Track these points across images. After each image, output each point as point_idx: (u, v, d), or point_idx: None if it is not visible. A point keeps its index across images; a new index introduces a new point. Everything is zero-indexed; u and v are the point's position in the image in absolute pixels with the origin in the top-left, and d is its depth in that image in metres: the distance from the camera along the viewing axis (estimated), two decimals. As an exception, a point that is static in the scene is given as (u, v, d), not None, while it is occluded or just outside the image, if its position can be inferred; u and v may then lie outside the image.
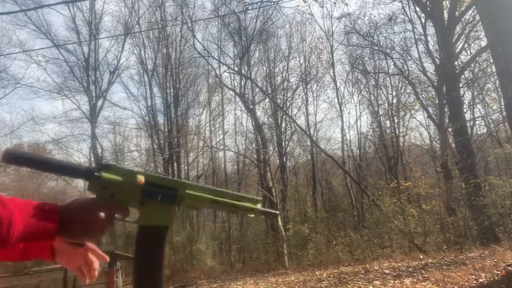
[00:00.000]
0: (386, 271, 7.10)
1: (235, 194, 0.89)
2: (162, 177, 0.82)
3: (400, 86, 17.28)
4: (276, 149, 17.86)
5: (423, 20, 13.39)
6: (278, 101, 18.39)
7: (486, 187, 10.60)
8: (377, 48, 15.83)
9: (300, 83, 19.08)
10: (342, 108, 18.56)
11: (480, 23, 10.28)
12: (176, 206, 0.84)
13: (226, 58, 18.34)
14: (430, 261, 7.57)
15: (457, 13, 11.95)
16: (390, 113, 17.05)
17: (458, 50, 12.82)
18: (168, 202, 0.82)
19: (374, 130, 18.67)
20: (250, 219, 17.97)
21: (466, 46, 13.71)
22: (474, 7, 10.15)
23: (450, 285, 5.32)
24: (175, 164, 19.23)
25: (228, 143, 20.77)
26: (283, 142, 18.02)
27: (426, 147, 17.16)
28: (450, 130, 12.28)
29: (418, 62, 14.42)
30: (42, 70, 31.89)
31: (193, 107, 21.37)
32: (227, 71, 19.38)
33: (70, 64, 18.54)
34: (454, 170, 11.26)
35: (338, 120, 23.59)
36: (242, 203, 0.89)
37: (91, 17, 18.74)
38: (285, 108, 18.19)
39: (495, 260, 6.24)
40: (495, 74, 10.69)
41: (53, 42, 18.28)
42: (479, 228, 9.38)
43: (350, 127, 20.17)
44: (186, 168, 20.14)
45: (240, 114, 20.50)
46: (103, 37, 20.11)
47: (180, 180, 0.85)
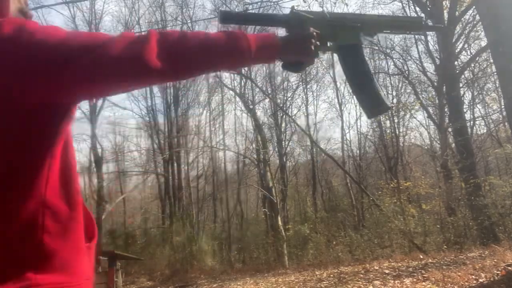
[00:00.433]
0: (386, 271, 7.10)
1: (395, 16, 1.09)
2: (344, 13, 1.03)
3: (400, 86, 17.30)
4: (276, 149, 17.87)
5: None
6: (278, 101, 18.40)
7: (486, 187, 10.60)
8: (377, 48, 15.83)
9: (300, 83, 19.10)
10: (342, 108, 18.60)
11: (480, 23, 10.29)
12: (359, 29, 1.00)
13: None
14: (430, 261, 7.58)
15: (457, 13, 11.95)
16: (390, 113, 17.04)
17: (458, 50, 12.82)
18: (353, 26, 0.99)
19: (374, 130, 18.66)
20: (250, 219, 18.00)
21: (466, 46, 13.72)
22: (474, 7, 10.16)
23: (450, 285, 5.33)
24: (175, 164, 19.23)
25: (228, 143, 20.79)
26: (283, 142, 18.04)
27: (426, 147, 17.17)
28: (450, 130, 12.28)
29: (418, 62, 14.44)
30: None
31: (193, 107, 21.38)
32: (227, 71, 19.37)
33: (70, 64, 18.50)
34: (454, 170, 11.25)
35: (338, 120, 23.56)
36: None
37: (91, 17, 18.76)
38: (285, 108, 18.20)
39: (495, 260, 6.25)
40: (495, 74, 10.70)
41: (53, 42, 18.24)
42: (479, 228, 9.38)
43: (350, 127, 20.16)
44: (186, 168, 20.15)
45: (240, 114, 20.52)
46: (103, 37, 20.04)
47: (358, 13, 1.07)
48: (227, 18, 0.97)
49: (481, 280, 5.25)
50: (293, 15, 0.96)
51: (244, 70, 17.85)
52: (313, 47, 0.90)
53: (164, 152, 19.03)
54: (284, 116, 17.96)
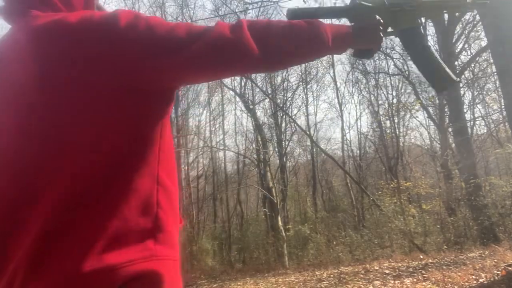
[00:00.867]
0: (386, 271, 7.10)
1: None
2: None
3: (400, 86, 17.30)
4: (276, 149, 17.86)
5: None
6: (278, 101, 18.40)
7: (486, 187, 10.60)
8: (377, 48, 15.82)
9: (300, 83, 19.10)
10: (342, 108, 18.60)
11: (480, 23, 10.29)
12: (416, 12, 1.05)
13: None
14: (430, 261, 7.58)
15: (457, 13, 11.95)
16: (390, 113, 17.05)
17: (458, 50, 12.83)
18: (410, 10, 1.04)
19: (374, 130, 18.66)
20: (250, 219, 17.99)
21: (466, 46, 13.73)
22: (474, 7, 10.14)
23: (450, 285, 5.33)
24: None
25: (228, 143, 20.79)
26: (283, 142, 18.02)
27: (426, 147, 17.17)
28: (450, 130, 12.28)
29: (418, 62, 14.40)
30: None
31: (193, 107, 21.38)
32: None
33: (70, 64, 18.52)
34: (454, 170, 11.25)
35: (338, 120, 23.63)
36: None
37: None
38: (285, 108, 18.20)
39: (495, 260, 6.25)
40: (495, 74, 10.70)
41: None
42: (479, 228, 9.38)
43: (350, 127, 20.20)
44: (186, 168, 20.14)
45: (240, 114, 20.51)
46: (103, 37, 20.05)
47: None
48: (294, 16, 1.03)
49: (481, 280, 5.25)
50: (354, 5, 1.02)
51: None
52: (381, 34, 0.95)
53: (164, 152, 19.00)
54: (284, 116, 17.96)
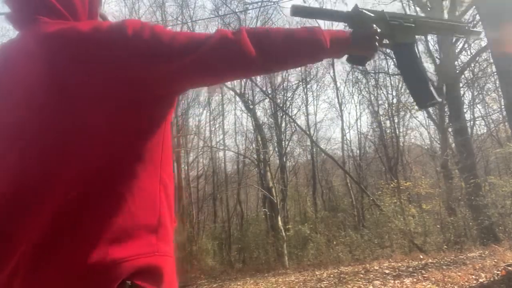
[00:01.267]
0: (386, 271, 7.10)
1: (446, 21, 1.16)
2: (399, 13, 1.11)
3: (400, 86, 17.26)
4: (276, 149, 17.86)
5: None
6: (278, 101, 18.39)
7: (486, 187, 10.60)
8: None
9: (300, 83, 19.09)
10: (342, 108, 18.58)
11: (480, 23, 10.29)
12: (414, 29, 1.10)
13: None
14: (430, 261, 7.58)
15: (457, 13, 11.95)
16: (390, 113, 17.05)
17: (458, 50, 12.83)
18: (409, 26, 1.09)
19: (374, 130, 18.65)
20: (250, 219, 18.00)
21: (466, 46, 13.72)
22: (474, 7, 10.16)
23: (450, 285, 5.33)
24: (175, 164, 19.22)
25: (228, 143, 20.78)
26: (283, 142, 18.01)
27: (426, 147, 17.17)
28: (450, 130, 12.28)
29: (418, 62, 14.40)
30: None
31: (193, 107, 21.37)
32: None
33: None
34: (454, 170, 11.26)
35: (338, 120, 23.62)
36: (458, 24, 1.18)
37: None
38: (285, 108, 18.19)
39: (495, 260, 6.25)
40: (495, 74, 10.71)
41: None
42: (479, 228, 9.38)
43: (350, 127, 20.10)
44: (186, 168, 20.15)
45: (240, 114, 20.50)
46: (103, 37, 20.03)
47: (412, 15, 1.12)
48: (297, 11, 1.07)
49: (481, 280, 5.25)
50: (356, 13, 1.05)
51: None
52: (377, 43, 1.00)
53: (164, 152, 19.00)
54: (284, 116, 17.96)
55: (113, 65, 0.77)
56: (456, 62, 12.40)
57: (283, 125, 18.30)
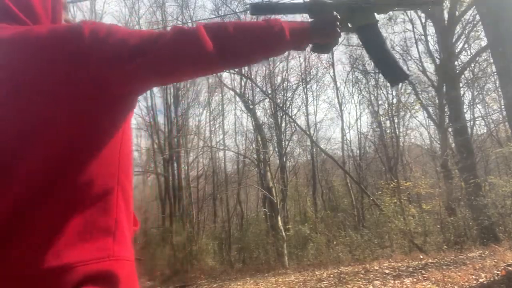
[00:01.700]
0: (386, 271, 7.10)
1: None
2: None
3: (400, 86, 17.26)
4: (276, 149, 17.86)
5: (423, 20, 13.40)
6: (278, 101, 18.39)
7: (486, 187, 10.60)
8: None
9: (300, 83, 19.09)
10: (342, 108, 18.58)
11: (480, 23, 10.29)
12: (373, 9, 1.08)
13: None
14: (430, 261, 7.58)
15: (457, 13, 11.95)
16: (390, 113, 17.05)
17: (458, 50, 12.83)
18: (368, 6, 1.07)
19: (374, 130, 18.66)
20: (250, 219, 18.00)
21: (466, 46, 13.72)
22: (474, 7, 10.16)
23: (450, 285, 5.33)
24: (175, 164, 19.23)
25: (228, 143, 20.79)
26: (283, 142, 18.01)
27: (426, 147, 17.17)
28: (450, 130, 12.28)
29: (418, 62, 14.43)
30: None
31: (193, 107, 21.37)
32: (227, 71, 19.37)
33: (70, 64, 18.48)
34: (454, 170, 11.26)
35: (338, 120, 23.65)
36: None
37: (92, 17, 18.73)
38: (285, 108, 18.19)
39: (495, 260, 6.25)
40: (495, 74, 10.70)
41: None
42: (479, 228, 9.38)
43: (350, 127, 20.17)
44: (186, 168, 20.14)
45: (240, 114, 20.53)
46: (103, 37, 20.03)
47: None
48: (257, 10, 1.08)
49: (481, 280, 5.25)
50: (314, 2, 1.05)
51: (244, 70, 17.85)
52: (338, 29, 0.99)
53: (164, 152, 19.02)
54: (284, 116, 17.95)
55: (68, 64, 0.77)
56: (456, 62, 12.40)
57: (283, 125, 18.32)
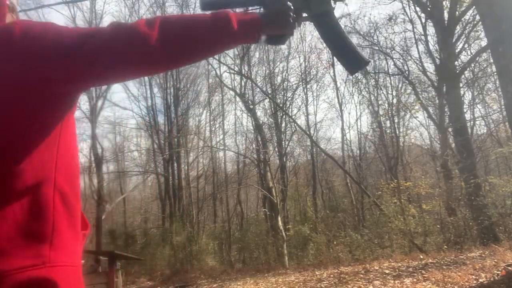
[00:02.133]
0: (386, 271, 7.10)
1: None
2: None
3: (400, 86, 17.28)
4: (276, 149, 17.86)
5: (423, 20, 13.40)
6: (278, 101, 18.39)
7: (486, 187, 10.60)
8: (377, 48, 15.83)
9: (300, 83, 19.09)
10: (342, 108, 18.57)
11: (480, 23, 10.29)
12: None
13: (226, 58, 18.31)
14: (430, 261, 7.58)
15: (457, 13, 11.95)
16: (390, 113, 17.05)
17: (458, 50, 12.82)
18: None
19: (374, 130, 18.66)
20: (250, 219, 17.99)
21: (466, 46, 13.72)
22: (474, 7, 10.15)
23: (450, 285, 5.33)
24: (175, 164, 19.23)
25: (228, 143, 20.78)
26: (283, 142, 18.01)
27: (426, 147, 17.16)
28: (450, 130, 12.28)
29: (418, 62, 14.42)
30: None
31: (193, 107, 21.38)
32: (227, 71, 19.36)
33: (70, 64, 18.48)
34: (454, 170, 11.26)
35: (338, 120, 23.62)
36: None
37: (92, 17, 18.72)
38: (285, 108, 18.19)
39: (495, 260, 6.25)
40: (495, 74, 10.70)
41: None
42: (479, 228, 9.38)
43: (350, 127, 20.13)
44: (186, 168, 20.15)
45: (240, 114, 20.51)
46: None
47: None
48: (207, 4, 1.03)
49: (481, 280, 5.25)
50: None
51: (244, 70, 17.86)
52: (291, 19, 0.95)
53: (164, 152, 19.02)
54: (284, 116, 17.95)
55: (1, 64, 0.75)
56: (456, 62, 12.40)
57: (283, 125, 18.32)
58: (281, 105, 18.01)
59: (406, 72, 14.78)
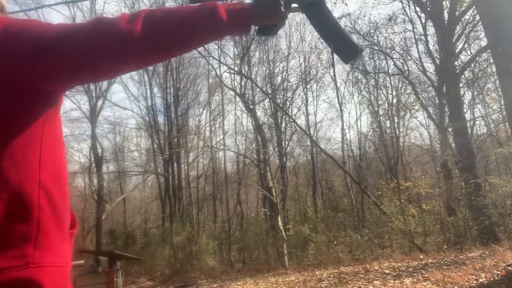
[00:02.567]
0: (386, 271, 7.10)
1: None
2: None
3: (400, 86, 17.28)
4: (276, 149, 17.86)
5: (423, 20, 13.40)
6: (278, 101, 18.39)
7: (486, 187, 10.61)
8: (377, 48, 15.83)
9: (300, 83, 19.09)
10: (342, 108, 18.58)
11: (480, 23, 10.29)
12: None
13: (226, 58, 18.31)
14: (430, 261, 7.58)
15: (457, 13, 11.95)
16: (390, 113, 17.05)
17: (458, 50, 12.83)
18: None
19: (374, 130, 18.67)
20: (250, 219, 18.00)
21: (466, 46, 13.72)
22: (474, 7, 10.16)
23: (450, 285, 5.33)
24: (175, 164, 19.23)
25: (228, 143, 20.79)
26: (283, 142, 18.02)
27: (426, 147, 17.17)
28: (450, 130, 12.29)
29: (418, 62, 14.42)
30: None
31: (193, 107, 21.38)
32: (228, 71, 19.36)
33: (70, 64, 18.47)
34: (454, 170, 11.26)
35: (338, 120, 23.59)
36: None
37: (92, 17, 18.73)
38: (285, 108, 18.19)
39: (495, 260, 6.25)
40: (495, 74, 10.70)
41: (53, 42, 18.20)
42: (479, 228, 9.38)
43: (350, 127, 20.10)
44: (186, 168, 20.15)
45: (240, 114, 20.52)
46: (103, 37, 20.01)
47: None
48: None
49: (481, 280, 5.25)
50: None
51: (244, 70, 17.85)
52: (281, 9, 0.92)
53: (164, 152, 19.02)
54: (284, 116, 17.96)
55: None
56: (456, 62, 12.40)
57: (283, 125, 18.33)
58: (281, 105, 18.02)
59: (406, 72, 14.79)
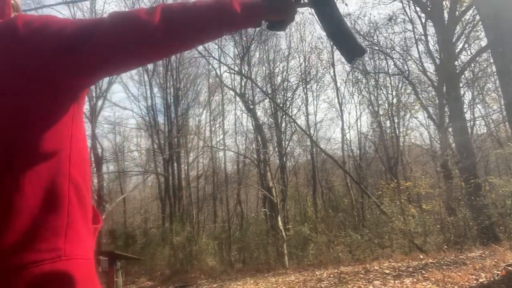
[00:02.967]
0: (386, 271, 7.10)
1: None
2: None
3: (400, 86, 17.29)
4: (276, 149, 17.86)
5: (423, 20, 13.41)
6: (278, 101, 18.40)
7: (486, 187, 10.61)
8: (377, 48, 15.84)
9: (300, 83, 19.10)
10: (342, 108, 18.58)
11: (480, 23, 10.30)
12: None
13: (226, 58, 18.33)
14: (430, 261, 7.58)
15: (457, 13, 11.95)
16: (390, 113, 17.05)
17: (458, 50, 12.83)
18: None
19: (374, 130, 18.67)
20: (250, 219, 18.00)
21: (466, 46, 13.73)
22: (474, 7, 10.16)
23: (450, 285, 5.33)
24: (175, 164, 19.23)
25: (228, 143, 20.80)
26: (283, 142, 18.03)
27: (426, 147, 17.17)
28: (450, 130, 12.29)
29: (418, 62, 14.44)
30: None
31: (193, 107, 21.40)
32: (228, 71, 19.38)
33: (70, 64, 18.49)
34: (454, 170, 11.26)
35: (338, 120, 23.62)
36: None
37: (92, 17, 18.73)
38: (285, 108, 18.20)
39: (495, 260, 6.25)
40: (495, 74, 10.71)
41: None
42: (479, 228, 9.38)
43: (350, 127, 20.10)
44: (186, 168, 20.16)
45: (240, 114, 20.53)
46: (103, 37, 20.04)
47: None
48: None
49: (481, 280, 5.25)
50: None
51: (244, 70, 17.86)
52: (292, 5, 0.93)
53: (164, 152, 19.03)
54: (284, 116, 17.96)
55: (9, 59, 0.76)
56: (456, 62, 12.40)
57: (283, 125, 18.33)
58: (281, 105, 18.02)
59: (406, 72, 14.80)
